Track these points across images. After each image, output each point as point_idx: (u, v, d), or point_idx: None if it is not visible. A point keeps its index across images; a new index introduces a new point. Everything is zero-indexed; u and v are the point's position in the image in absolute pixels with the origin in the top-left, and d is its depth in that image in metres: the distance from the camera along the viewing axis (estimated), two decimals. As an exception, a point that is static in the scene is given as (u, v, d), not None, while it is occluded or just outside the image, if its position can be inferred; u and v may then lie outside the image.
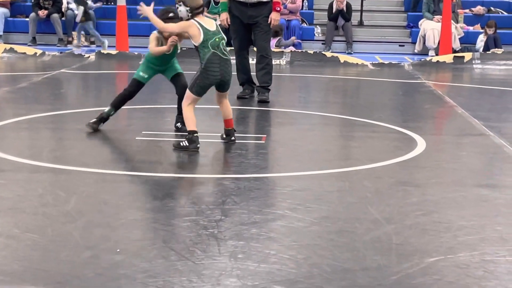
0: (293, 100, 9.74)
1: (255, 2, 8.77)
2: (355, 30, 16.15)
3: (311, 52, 13.78)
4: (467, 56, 13.62)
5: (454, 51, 14.54)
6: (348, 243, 3.96)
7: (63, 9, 15.99)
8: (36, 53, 13.60)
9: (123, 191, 4.92)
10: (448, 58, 13.58)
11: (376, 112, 8.29)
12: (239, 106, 8.43)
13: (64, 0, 15.95)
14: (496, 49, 14.32)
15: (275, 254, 3.75)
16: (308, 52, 13.83)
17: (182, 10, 6.10)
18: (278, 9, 8.86)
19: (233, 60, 7.12)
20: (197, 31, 6.06)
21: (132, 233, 4.03)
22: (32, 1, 15.98)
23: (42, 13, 15.66)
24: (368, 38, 16.29)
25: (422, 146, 6.43)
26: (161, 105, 8.23)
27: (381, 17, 17.01)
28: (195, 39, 6.09)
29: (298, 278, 3.45)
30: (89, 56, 13.36)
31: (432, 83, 11.11)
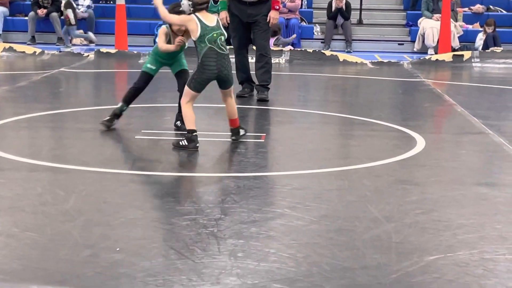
0: (293, 98, 9.74)
1: (254, 0, 8.76)
2: (354, 29, 16.15)
3: (310, 51, 13.78)
4: (466, 54, 13.63)
5: (453, 50, 14.54)
6: (348, 241, 3.96)
7: (62, 8, 15.97)
8: (35, 52, 13.60)
9: (122, 190, 4.92)
10: (447, 56, 13.59)
11: (376, 111, 8.29)
12: (239, 105, 8.36)
13: (63, -1, 15.98)
14: (495, 48, 14.32)
15: (275, 252, 3.75)
16: (308, 50, 13.82)
17: (185, 4, 6.13)
18: (277, 7, 8.85)
19: (232, 58, 7.12)
20: (195, 25, 6.07)
21: (131, 232, 4.03)
22: (31, 0, 15.98)
23: (41, 12, 15.65)
24: (367, 36, 16.30)
25: (422, 145, 6.43)
26: (160, 104, 8.22)
27: (380, 16, 17.02)
28: (193, 34, 6.10)
29: (297, 277, 3.45)
30: (88, 55, 13.36)
31: (431, 81, 11.11)
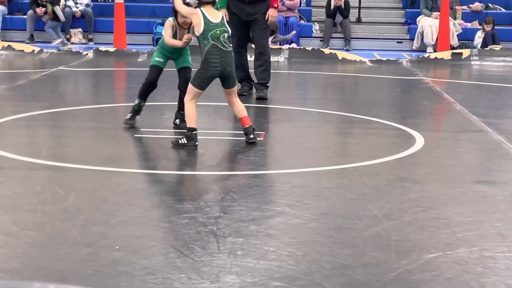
0: (291, 97, 9.73)
1: (253, -1, 8.76)
2: (353, 27, 16.15)
3: (309, 49, 13.77)
4: (465, 52, 13.62)
5: (452, 48, 14.54)
6: (347, 239, 3.96)
7: (60, 7, 15.97)
8: (34, 51, 13.59)
9: (121, 189, 4.91)
10: (446, 54, 13.58)
11: (375, 109, 8.29)
12: (238, 103, 8.41)
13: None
14: (494, 46, 14.32)
15: (274, 251, 3.75)
16: (306, 49, 13.82)
17: None
18: (276, 5, 8.84)
19: (231, 57, 7.12)
20: (198, 20, 6.07)
21: (131, 230, 4.03)
22: (30, -2, 15.99)
23: (40, 10, 15.63)
24: (366, 35, 16.29)
25: (421, 143, 6.43)
26: (160, 102, 8.22)
27: (379, 14, 17.02)
28: (196, 28, 6.11)
29: (297, 275, 3.45)
30: (87, 54, 13.35)
31: (430, 79, 11.11)
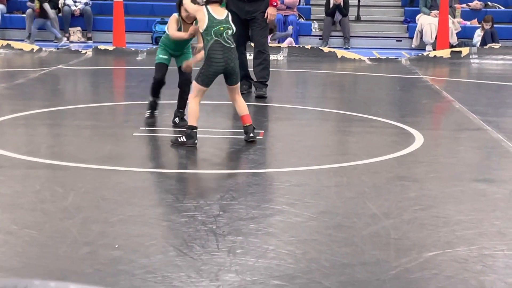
0: (291, 95, 9.73)
1: (252, -3, 8.76)
2: (352, 25, 16.14)
3: (309, 48, 13.77)
4: (464, 51, 13.63)
5: (451, 46, 14.54)
6: (347, 238, 3.96)
7: (59, 5, 15.96)
8: (33, 49, 13.58)
9: (121, 187, 4.91)
10: (445, 53, 13.58)
11: (374, 107, 8.29)
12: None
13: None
14: (493, 44, 14.32)
15: (274, 249, 3.75)
16: (306, 47, 13.82)
17: None
18: (275, 4, 8.84)
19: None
20: (203, 16, 6.10)
21: (130, 229, 4.02)
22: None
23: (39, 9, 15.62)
24: (365, 33, 16.29)
25: (420, 141, 6.43)
26: (159, 100, 8.20)
27: (378, 12, 17.02)
28: (200, 24, 6.13)
29: (296, 273, 3.45)
30: (86, 52, 13.35)
31: (429, 78, 11.11)
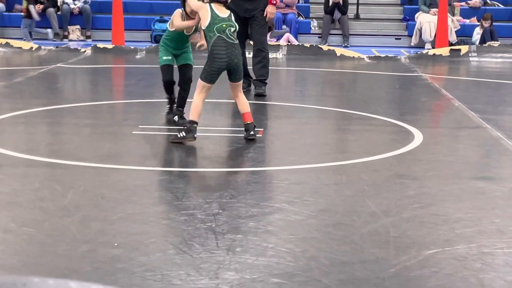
0: (290, 93, 9.73)
1: (251, -5, 8.75)
2: (351, 24, 16.14)
3: (308, 46, 13.77)
4: (464, 49, 13.62)
5: (451, 44, 14.54)
6: (346, 236, 3.96)
7: (58, 4, 15.96)
8: (32, 48, 13.58)
9: (120, 185, 4.91)
10: (444, 51, 13.58)
11: (373, 105, 8.29)
12: (236, 100, 8.41)
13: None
14: (493, 42, 14.32)
15: (273, 247, 3.75)
16: (305, 45, 13.81)
17: None
18: (274, 2, 8.84)
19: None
20: (206, 13, 6.11)
21: (129, 227, 4.02)
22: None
23: (38, 7, 15.62)
24: (365, 31, 16.29)
25: (419, 139, 6.43)
26: (158, 99, 8.21)
27: (378, 10, 17.01)
28: (203, 21, 6.15)
29: (296, 271, 3.45)
30: (85, 51, 13.34)
31: (428, 76, 11.11)
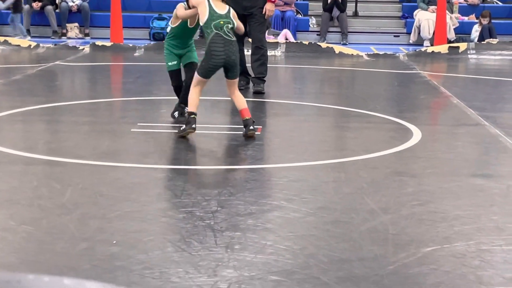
0: (289, 91, 9.73)
1: (250, -7, 8.74)
2: (350, 21, 16.14)
3: (306, 43, 13.76)
4: (462, 46, 13.62)
5: (449, 42, 14.55)
6: (344, 233, 3.96)
7: (57, 1, 15.95)
8: (30, 46, 13.56)
9: (118, 183, 4.90)
10: (443, 48, 13.58)
11: (372, 103, 8.29)
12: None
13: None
14: (491, 39, 14.32)
15: (272, 245, 3.74)
16: (303, 43, 13.81)
17: None
18: (273, 0, 8.83)
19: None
20: (204, 9, 6.12)
21: (128, 225, 4.02)
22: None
23: (36, 5, 15.61)
24: (363, 28, 16.29)
25: (418, 137, 6.43)
26: (156, 96, 8.20)
27: (376, 8, 17.01)
28: (201, 17, 6.16)
29: (294, 269, 3.44)
30: (83, 48, 13.33)
31: (427, 73, 11.11)
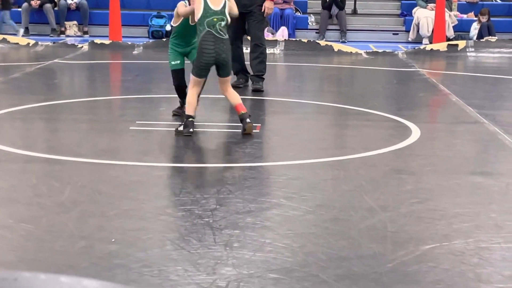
0: (288, 89, 9.72)
1: (249, -9, 8.74)
2: (349, 19, 16.12)
3: (305, 41, 13.76)
4: (461, 44, 13.62)
5: (448, 39, 14.54)
6: (343, 231, 3.96)
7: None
8: (29, 44, 13.55)
9: (117, 181, 4.90)
10: (442, 46, 13.58)
11: (371, 101, 8.28)
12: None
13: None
14: (490, 37, 14.32)
15: (270, 242, 3.74)
16: (302, 41, 13.80)
17: None
18: (272, -2, 8.83)
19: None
20: (199, 5, 6.13)
21: (127, 223, 4.02)
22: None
23: (35, 3, 15.59)
24: (362, 26, 16.27)
25: (417, 134, 6.43)
26: (155, 94, 8.20)
27: (375, 6, 16.99)
28: (196, 13, 6.15)
29: (293, 267, 3.45)
30: (82, 46, 13.32)
31: (426, 71, 11.10)
